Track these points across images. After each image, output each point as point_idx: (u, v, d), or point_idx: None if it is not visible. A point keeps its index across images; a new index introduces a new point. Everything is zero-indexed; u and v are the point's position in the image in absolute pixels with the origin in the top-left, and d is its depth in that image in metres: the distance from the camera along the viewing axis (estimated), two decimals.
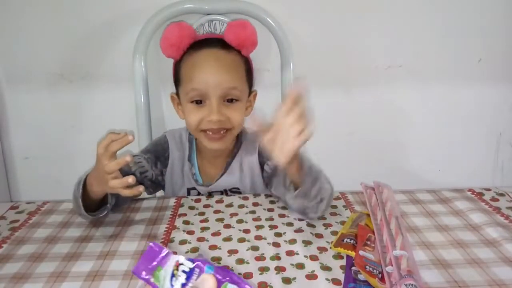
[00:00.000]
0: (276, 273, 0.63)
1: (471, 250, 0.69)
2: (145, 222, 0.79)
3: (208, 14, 1.19)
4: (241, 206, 0.85)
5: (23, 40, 1.26)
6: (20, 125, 1.35)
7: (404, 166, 1.43)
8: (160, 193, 1.25)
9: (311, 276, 0.62)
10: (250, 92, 0.92)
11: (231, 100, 0.85)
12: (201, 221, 0.79)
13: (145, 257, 0.42)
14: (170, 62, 1.28)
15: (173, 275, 0.41)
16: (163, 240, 0.72)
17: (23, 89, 1.31)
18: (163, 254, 0.42)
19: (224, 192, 0.95)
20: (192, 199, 0.88)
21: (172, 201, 0.87)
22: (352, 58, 1.33)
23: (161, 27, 1.18)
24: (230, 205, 0.85)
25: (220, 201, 0.87)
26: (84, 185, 0.73)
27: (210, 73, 0.83)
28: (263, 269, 0.64)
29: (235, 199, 0.88)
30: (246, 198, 0.88)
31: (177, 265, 0.41)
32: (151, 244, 0.43)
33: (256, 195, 0.90)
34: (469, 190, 0.91)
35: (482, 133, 1.45)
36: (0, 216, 0.82)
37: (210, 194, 0.93)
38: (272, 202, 0.87)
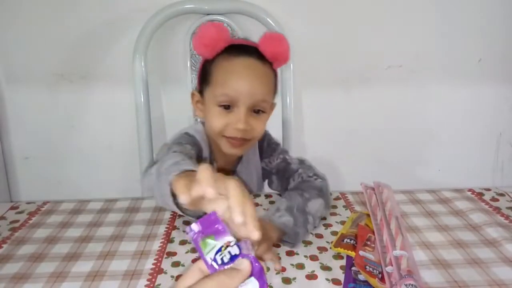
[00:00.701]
0: (276, 273, 0.63)
1: (471, 250, 0.69)
2: (145, 222, 0.79)
3: (208, 14, 1.19)
4: None
5: (23, 40, 1.26)
6: (20, 125, 1.35)
7: (404, 166, 1.43)
8: None
9: (311, 276, 0.62)
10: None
11: (257, 111, 0.84)
12: None
13: (203, 221, 0.43)
14: (170, 62, 1.29)
15: (219, 250, 0.42)
16: (163, 240, 0.72)
17: (23, 89, 1.31)
18: (221, 227, 0.43)
19: None
20: None
21: None
22: (352, 58, 1.33)
23: (161, 27, 1.18)
24: None
25: None
26: None
27: (245, 82, 0.81)
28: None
29: None
30: None
31: (227, 245, 0.42)
32: (213, 212, 0.44)
33: (256, 195, 0.90)
34: (469, 190, 0.91)
35: (482, 133, 1.45)
36: (0, 216, 0.82)
37: None
38: (272, 202, 0.87)
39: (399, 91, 1.38)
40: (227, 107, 0.82)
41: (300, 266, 0.65)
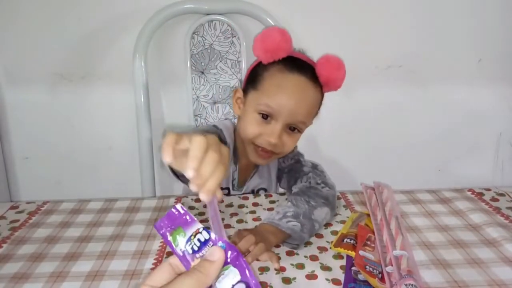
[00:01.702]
0: (276, 273, 0.63)
1: (471, 250, 0.69)
2: (145, 222, 0.79)
3: (208, 14, 1.19)
4: (241, 206, 0.85)
5: (23, 40, 1.26)
6: (20, 125, 1.35)
7: (404, 166, 1.43)
8: (160, 193, 1.25)
9: (311, 276, 0.62)
10: None
11: (293, 129, 0.84)
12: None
13: (168, 216, 0.43)
14: (170, 62, 1.29)
15: (189, 240, 0.42)
16: (163, 240, 0.72)
17: (23, 89, 1.31)
18: (188, 218, 0.42)
19: (252, 192, 0.96)
20: (192, 199, 0.88)
21: (172, 201, 0.87)
22: (352, 58, 1.33)
23: (161, 27, 1.18)
24: (230, 205, 0.86)
25: (220, 201, 0.87)
26: None
27: (291, 102, 0.81)
28: (263, 269, 0.64)
29: (235, 199, 0.88)
30: (246, 198, 0.88)
31: (197, 232, 0.42)
32: (176, 206, 0.43)
33: (256, 195, 0.91)
34: (469, 190, 0.91)
35: (482, 133, 1.45)
36: (0, 216, 0.82)
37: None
38: (272, 202, 0.87)
39: (399, 91, 1.38)
40: (265, 117, 0.82)
41: (300, 266, 0.65)
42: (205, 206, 0.85)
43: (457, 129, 1.43)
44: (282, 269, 0.64)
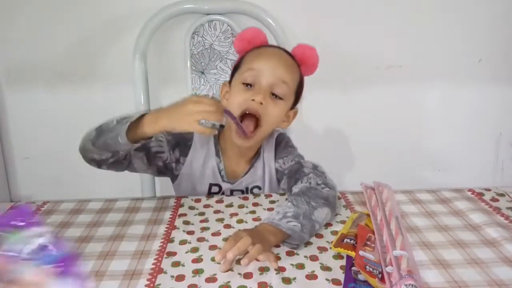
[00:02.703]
0: (276, 273, 0.63)
1: (471, 250, 0.69)
2: (145, 222, 0.79)
3: (208, 14, 1.19)
4: (241, 206, 0.85)
5: (23, 40, 1.26)
6: (20, 125, 1.35)
7: (404, 166, 1.43)
8: (160, 193, 1.25)
9: (311, 276, 0.62)
10: (292, 108, 0.95)
11: (277, 97, 0.88)
12: (201, 221, 0.79)
13: (10, 214, 0.42)
14: (170, 62, 1.28)
15: (24, 242, 0.41)
16: (163, 240, 0.72)
17: (23, 89, 1.31)
18: (29, 220, 0.41)
19: (246, 190, 0.96)
20: (192, 199, 0.88)
21: (172, 201, 0.87)
22: (352, 58, 1.33)
23: (161, 27, 1.18)
24: (230, 205, 0.85)
25: (220, 201, 0.87)
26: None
27: (270, 62, 0.88)
28: (263, 269, 0.64)
29: (235, 199, 0.88)
30: (246, 198, 0.88)
31: (34, 236, 0.41)
32: (22, 205, 0.43)
33: (256, 195, 0.91)
34: (469, 190, 0.91)
35: (482, 133, 1.45)
36: None
37: (230, 193, 0.95)
38: (272, 202, 0.87)
39: (399, 91, 1.38)
40: (249, 86, 0.87)
41: (300, 266, 0.65)
42: (205, 206, 0.85)
43: (457, 129, 1.43)
44: (282, 269, 0.64)
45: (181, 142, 0.95)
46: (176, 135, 0.94)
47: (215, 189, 0.96)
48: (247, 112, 0.86)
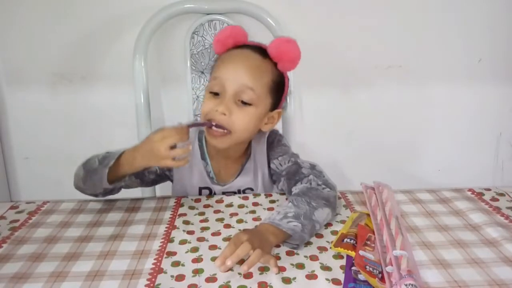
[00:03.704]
0: (276, 273, 0.63)
1: (471, 250, 0.69)
2: (145, 222, 0.79)
3: (208, 14, 1.19)
4: (241, 206, 0.85)
5: (23, 40, 1.26)
6: (20, 125, 1.35)
7: (404, 166, 1.43)
8: (160, 193, 1.25)
9: (311, 276, 0.62)
10: (275, 108, 0.92)
11: (245, 104, 0.85)
12: (201, 221, 0.79)
13: None
14: (170, 62, 1.29)
15: None
16: (163, 240, 0.72)
17: (23, 89, 1.31)
18: None
19: (238, 192, 0.95)
20: (192, 199, 0.88)
21: (172, 201, 0.87)
22: (352, 58, 1.33)
23: (161, 27, 1.18)
24: (230, 205, 0.85)
25: (220, 201, 0.87)
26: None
27: (233, 67, 0.85)
28: (263, 269, 0.64)
29: (235, 199, 0.88)
30: (246, 198, 0.88)
31: None
32: None
33: (256, 195, 0.90)
34: (469, 190, 0.91)
35: (482, 133, 1.45)
36: (0, 216, 0.82)
37: (220, 193, 0.94)
38: (272, 201, 0.87)
39: (399, 91, 1.38)
40: (216, 94, 0.86)
41: (300, 266, 0.65)
42: (205, 206, 0.85)
43: (457, 129, 1.44)
44: (282, 269, 0.64)
45: None
46: None
47: (205, 192, 0.95)
48: (213, 123, 0.85)
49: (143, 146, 0.80)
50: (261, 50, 0.88)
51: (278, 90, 0.90)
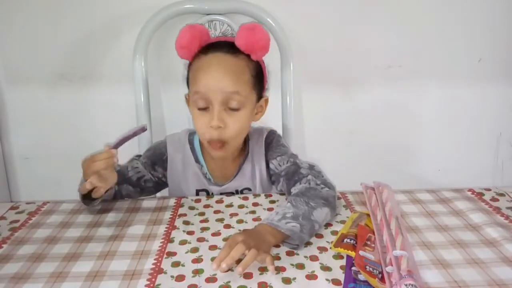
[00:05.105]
0: (276, 273, 0.63)
1: (471, 250, 0.69)
2: (145, 222, 0.79)
3: (208, 14, 1.19)
4: (241, 206, 0.85)
5: (23, 40, 1.26)
6: (20, 125, 1.35)
7: (404, 166, 1.43)
8: (160, 193, 1.25)
9: (311, 276, 0.62)
10: (260, 97, 0.91)
11: (235, 109, 0.84)
12: (201, 221, 0.79)
13: None
14: (170, 62, 1.28)
15: None
16: (163, 240, 0.72)
17: (23, 89, 1.31)
18: None
19: (236, 192, 0.95)
20: (192, 199, 0.88)
21: (172, 201, 0.87)
22: (352, 58, 1.33)
23: (161, 27, 1.18)
24: (230, 205, 0.85)
25: (220, 201, 0.87)
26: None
27: (212, 77, 0.83)
28: (263, 269, 0.64)
29: (235, 199, 0.88)
30: (246, 198, 0.88)
31: None
32: None
33: (256, 195, 0.90)
34: (469, 190, 0.91)
35: (482, 133, 1.45)
36: (0, 216, 0.82)
37: (218, 194, 0.94)
38: (272, 202, 0.87)
39: (399, 91, 1.38)
40: (203, 108, 0.84)
41: (300, 266, 0.65)
42: (205, 206, 0.85)
43: (457, 129, 1.44)
44: (282, 269, 0.64)
45: (157, 160, 0.96)
46: (150, 156, 0.96)
47: (203, 194, 0.95)
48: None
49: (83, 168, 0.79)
50: (230, 47, 0.85)
51: (259, 80, 0.90)
